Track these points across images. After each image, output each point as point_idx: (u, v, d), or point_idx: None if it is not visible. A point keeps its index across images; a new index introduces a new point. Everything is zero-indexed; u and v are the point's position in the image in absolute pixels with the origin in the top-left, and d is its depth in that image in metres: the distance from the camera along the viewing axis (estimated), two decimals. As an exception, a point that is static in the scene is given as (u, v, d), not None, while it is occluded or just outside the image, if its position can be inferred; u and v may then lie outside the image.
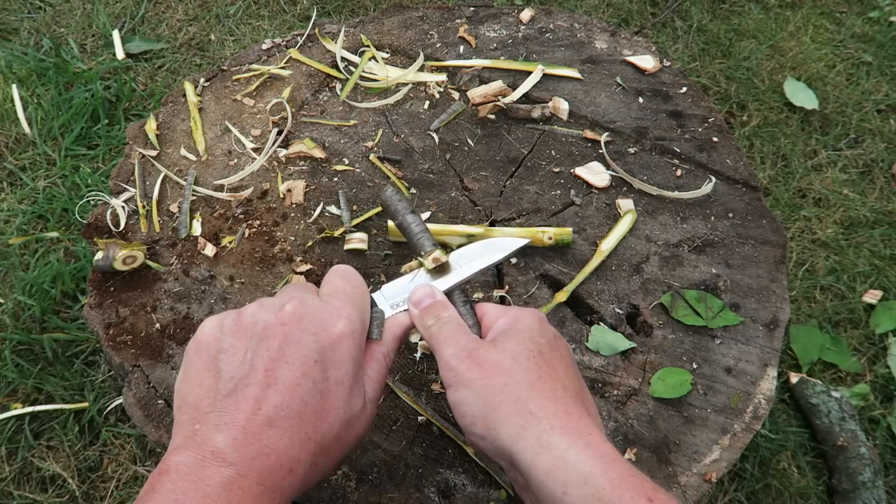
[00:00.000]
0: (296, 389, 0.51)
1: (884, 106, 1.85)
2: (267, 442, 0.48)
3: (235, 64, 1.06)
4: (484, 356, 0.56)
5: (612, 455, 0.50)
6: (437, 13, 1.12)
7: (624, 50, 1.08)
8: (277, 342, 0.52)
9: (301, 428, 0.50)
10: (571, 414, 0.52)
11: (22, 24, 1.90)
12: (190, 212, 0.89)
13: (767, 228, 0.89)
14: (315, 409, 0.51)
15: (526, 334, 0.58)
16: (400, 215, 0.68)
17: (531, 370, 0.55)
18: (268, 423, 0.49)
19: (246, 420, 0.49)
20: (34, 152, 1.62)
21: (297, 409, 0.50)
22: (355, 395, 0.55)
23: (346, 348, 0.54)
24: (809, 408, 1.32)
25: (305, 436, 0.50)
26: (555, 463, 0.49)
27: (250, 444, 0.48)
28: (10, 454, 1.22)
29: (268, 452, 0.48)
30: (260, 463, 0.48)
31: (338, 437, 0.53)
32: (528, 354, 0.56)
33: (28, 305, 1.35)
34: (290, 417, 0.50)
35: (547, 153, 0.95)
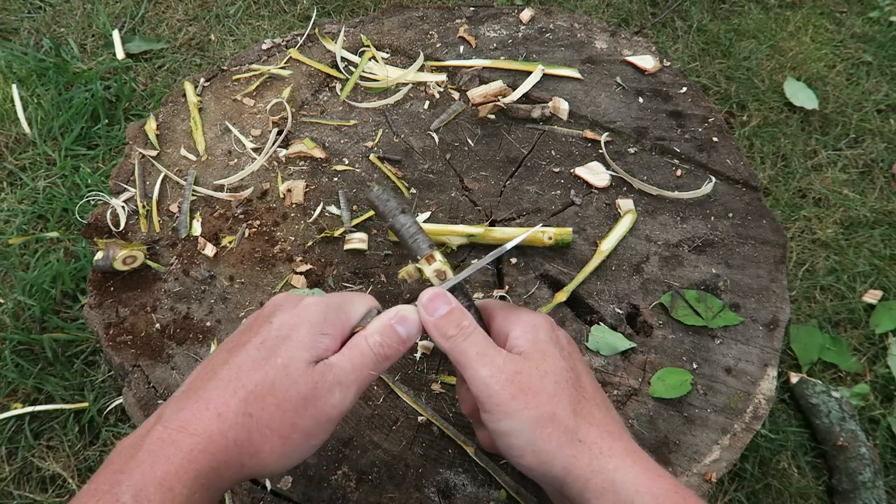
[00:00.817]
0: (242, 347, 0.54)
1: (884, 106, 1.85)
2: (201, 393, 0.51)
3: (235, 64, 1.06)
4: (527, 382, 0.54)
5: (655, 471, 0.52)
6: (437, 13, 1.12)
7: (624, 50, 1.08)
8: (251, 323, 0.58)
9: (238, 377, 0.52)
10: (614, 434, 0.54)
11: (22, 24, 1.90)
12: (190, 212, 0.89)
13: (767, 228, 0.89)
14: (253, 359, 0.53)
15: (555, 349, 0.57)
16: (390, 216, 0.63)
17: (572, 395, 0.55)
18: (210, 377, 0.52)
19: (191, 384, 0.53)
20: (34, 152, 1.62)
21: (238, 362, 0.52)
22: (306, 355, 0.53)
23: (305, 313, 0.55)
24: (809, 408, 1.32)
25: (238, 383, 0.51)
26: (605, 486, 0.51)
27: (185, 398, 0.51)
28: (10, 454, 1.22)
29: (196, 399, 0.50)
30: (186, 411, 0.50)
31: (273, 387, 0.51)
32: (566, 377, 0.56)
33: (28, 305, 1.35)
34: (230, 369, 0.52)
35: (547, 153, 0.95)
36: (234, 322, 0.80)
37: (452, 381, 0.76)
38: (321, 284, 0.82)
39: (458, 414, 0.74)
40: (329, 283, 0.83)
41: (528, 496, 0.69)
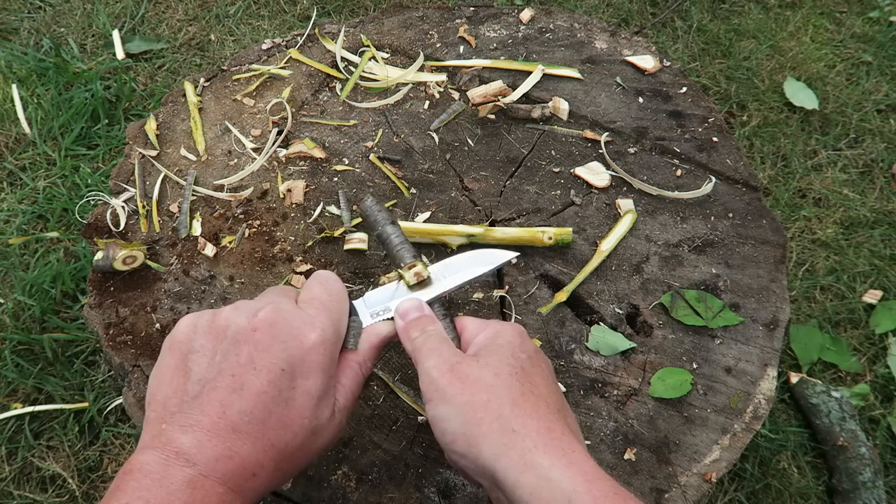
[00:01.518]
0: (261, 397, 0.51)
1: (884, 106, 1.85)
2: (230, 445, 0.49)
3: (235, 64, 1.06)
4: (466, 371, 0.55)
5: (594, 473, 0.50)
6: (437, 13, 1.12)
7: (624, 50, 1.08)
8: (247, 349, 0.53)
9: (264, 435, 0.51)
10: (554, 431, 0.52)
11: (22, 24, 1.90)
12: (190, 212, 0.89)
13: (767, 228, 0.89)
14: (279, 418, 0.52)
15: (507, 349, 0.57)
16: (379, 226, 0.67)
17: (513, 387, 0.54)
18: (232, 428, 0.50)
19: (211, 423, 0.50)
20: (34, 152, 1.62)
21: (261, 416, 0.51)
22: (323, 406, 0.55)
23: (316, 359, 0.55)
24: (809, 408, 1.32)
25: (269, 443, 0.51)
26: (538, 482, 0.49)
27: (214, 446, 0.49)
28: (10, 454, 1.22)
29: (231, 455, 0.49)
30: (223, 465, 0.49)
31: (302, 445, 0.53)
32: (510, 371, 0.55)
33: (28, 305, 1.35)
34: (254, 423, 0.51)
35: (547, 153, 0.95)
36: (234, 322, 0.80)
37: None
38: (321, 284, 0.82)
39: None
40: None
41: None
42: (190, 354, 0.54)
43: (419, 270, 0.64)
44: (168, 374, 0.54)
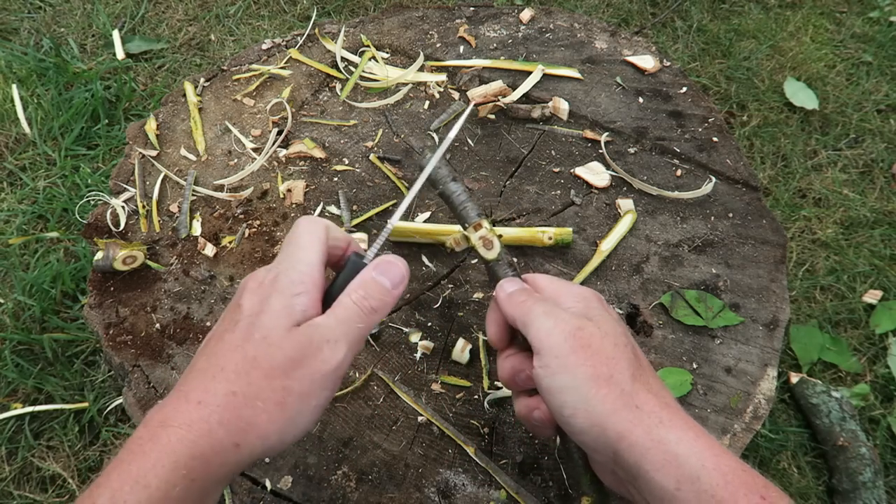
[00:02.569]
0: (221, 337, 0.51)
1: (884, 106, 1.85)
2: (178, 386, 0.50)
3: (235, 64, 1.06)
4: (588, 339, 0.52)
5: (719, 448, 0.49)
6: (437, 13, 1.12)
7: (624, 50, 1.08)
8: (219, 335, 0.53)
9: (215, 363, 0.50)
10: (671, 407, 0.51)
11: (22, 24, 1.90)
12: (190, 212, 0.89)
13: (767, 228, 0.89)
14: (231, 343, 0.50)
15: (611, 317, 0.56)
16: (441, 183, 0.64)
17: (631, 360, 0.53)
18: (190, 369, 0.52)
19: (177, 383, 0.52)
20: (34, 152, 1.62)
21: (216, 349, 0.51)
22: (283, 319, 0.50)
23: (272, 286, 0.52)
24: (810, 408, 1.32)
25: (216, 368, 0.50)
26: (665, 458, 0.48)
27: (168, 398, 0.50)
28: (10, 454, 1.22)
29: (176, 394, 0.49)
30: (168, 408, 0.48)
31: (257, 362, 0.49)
32: (624, 341, 0.54)
33: (28, 305, 1.35)
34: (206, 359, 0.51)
35: (547, 153, 0.95)
36: (234, 322, 0.80)
37: (452, 381, 0.76)
38: (321, 284, 0.82)
39: (459, 414, 0.74)
40: (329, 283, 0.82)
41: (528, 496, 0.69)
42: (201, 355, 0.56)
43: (485, 234, 0.62)
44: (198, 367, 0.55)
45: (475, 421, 0.73)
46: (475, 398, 0.75)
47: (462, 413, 0.74)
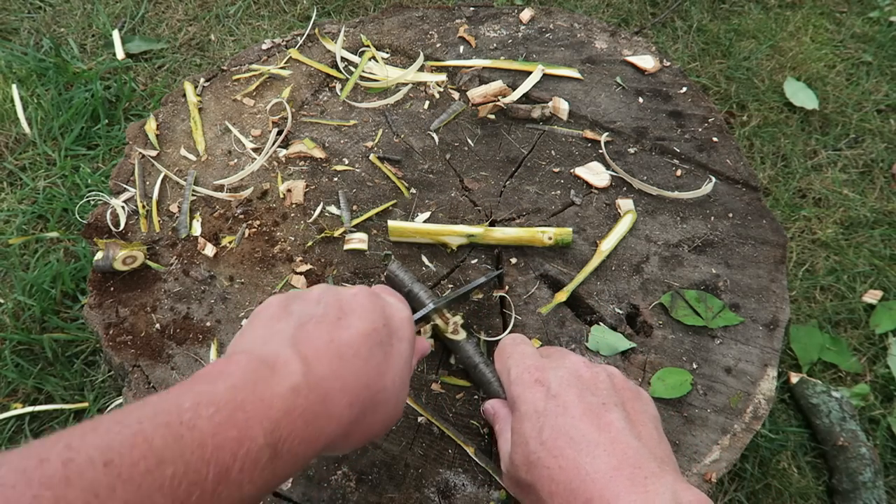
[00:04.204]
0: (365, 338, 0.50)
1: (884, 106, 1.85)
2: (336, 369, 0.47)
3: (235, 64, 1.06)
4: (537, 461, 0.52)
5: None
6: (437, 13, 1.12)
7: (624, 50, 1.08)
8: (350, 304, 0.53)
9: (366, 372, 0.49)
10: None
11: (22, 24, 1.90)
12: (190, 212, 0.89)
13: (767, 228, 0.89)
14: (378, 364, 0.51)
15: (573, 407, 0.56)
16: (406, 286, 0.76)
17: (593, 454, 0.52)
18: (338, 354, 0.48)
19: (318, 346, 0.48)
20: (34, 152, 1.62)
21: (365, 355, 0.50)
22: (407, 373, 0.54)
23: (407, 330, 0.55)
24: (810, 408, 1.32)
25: (367, 380, 0.49)
26: None
27: (320, 364, 0.47)
28: (10, 454, 1.22)
29: (335, 377, 0.47)
30: (327, 384, 0.46)
31: (385, 402, 0.52)
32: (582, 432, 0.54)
33: (28, 305, 1.35)
34: (358, 358, 0.49)
35: (547, 153, 0.95)
36: (234, 322, 0.80)
37: (452, 382, 0.76)
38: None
39: (459, 414, 0.74)
40: (329, 283, 0.83)
41: (528, 496, 0.69)
42: (291, 304, 0.53)
43: (457, 321, 0.74)
44: (266, 315, 0.52)
45: (475, 421, 0.73)
46: (475, 398, 0.75)
47: (462, 413, 0.74)
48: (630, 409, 0.55)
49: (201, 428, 0.38)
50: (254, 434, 0.40)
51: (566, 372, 0.57)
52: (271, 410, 0.41)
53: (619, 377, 0.59)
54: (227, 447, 0.38)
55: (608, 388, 0.56)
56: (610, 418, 0.52)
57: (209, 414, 0.39)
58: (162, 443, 0.36)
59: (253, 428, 0.40)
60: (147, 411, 0.38)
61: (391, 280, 0.79)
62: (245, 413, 0.40)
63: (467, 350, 0.74)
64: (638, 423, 0.54)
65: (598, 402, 0.54)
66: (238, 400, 0.41)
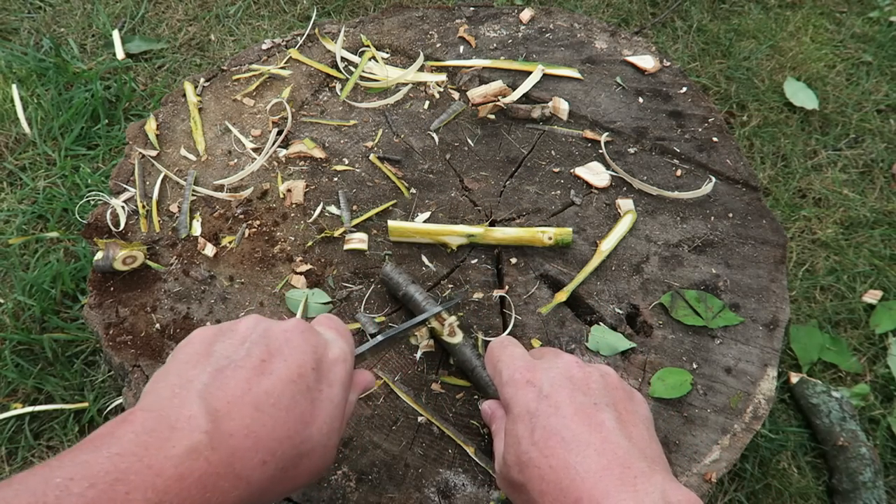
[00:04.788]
0: (289, 385, 0.48)
1: (884, 106, 1.85)
2: (249, 423, 0.45)
3: (235, 64, 1.06)
4: (529, 461, 0.52)
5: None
6: (437, 13, 1.12)
7: (624, 50, 1.08)
8: (278, 342, 0.51)
9: (285, 423, 0.47)
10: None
11: (22, 24, 1.90)
12: (190, 212, 0.89)
13: (767, 228, 0.89)
14: (302, 413, 0.49)
15: (566, 406, 0.56)
16: (402, 288, 0.77)
17: (585, 451, 0.52)
18: (255, 406, 0.46)
19: (232, 397, 0.45)
20: (34, 152, 1.62)
21: (286, 404, 0.48)
22: (338, 421, 0.52)
23: (340, 371, 0.53)
24: (810, 408, 1.32)
25: (287, 433, 0.47)
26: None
27: (231, 419, 0.44)
28: (10, 454, 1.22)
29: (247, 434, 0.45)
30: (235, 442, 0.44)
31: (310, 453, 0.49)
32: (574, 433, 0.54)
33: (28, 305, 1.35)
34: (278, 409, 0.47)
35: (547, 153, 0.95)
36: (234, 322, 0.80)
37: (452, 382, 0.76)
38: (321, 285, 0.82)
39: (459, 414, 0.74)
40: (329, 283, 0.83)
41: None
42: (214, 344, 0.50)
43: (452, 322, 0.74)
44: (185, 357, 0.49)
45: (475, 421, 0.73)
46: (475, 398, 0.75)
47: (462, 413, 0.74)
48: (622, 409, 0.55)
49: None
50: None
51: (558, 372, 0.57)
52: (158, 479, 0.38)
53: (612, 377, 0.59)
54: None
55: (600, 387, 0.56)
56: (601, 418, 0.52)
57: (81, 490, 0.35)
58: None
59: (134, 502, 0.37)
60: (7, 493, 0.34)
61: (386, 282, 0.79)
62: (126, 485, 0.37)
63: (464, 352, 0.74)
64: (629, 424, 0.54)
65: (589, 402, 0.54)
66: (120, 469, 0.38)
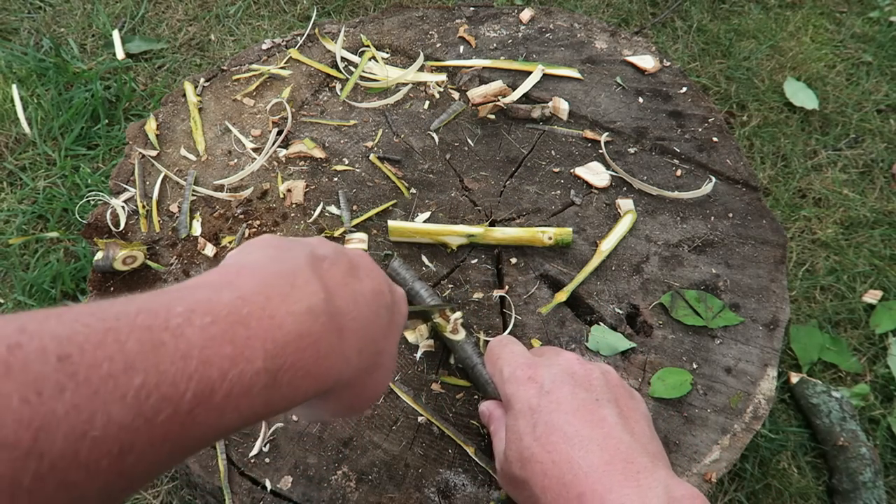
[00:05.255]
0: (375, 296, 0.46)
1: (884, 106, 1.85)
2: (351, 308, 0.42)
3: (235, 64, 1.06)
4: (531, 456, 0.53)
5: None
6: (437, 13, 1.12)
7: (624, 50, 1.08)
8: (357, 258, 0.48)
9: (372, 326, 0.45)
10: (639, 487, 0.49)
11: (22, 24, 1.90)
12: (190, 212, 0.89)
13: (767, 228, 0.89)
14: (383, 325, 0.47)
15: (566, 403, 0.57)
16: (407, 284, 0.78)
17: (586, 449, 0.53)
18: (353, 298, 0.43)
19: (335, 283, 0.42)
20: (34, 152, 1.62)
21: (374, 310, 0.45)
22: (395, 350, 0.51)
23: (402, 305, 0.53)
24: (810, 408, 1.32)
25: (373, 336, 0.45)
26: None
27: (339, 299, 0.41)
28: (10, 454, 1.22)
29: (353, 317, 0.42)
30: (343, 320, 0.41)
31: (381, 368, 0.48)
32: (575, 430, 0.54)
33: (28, 305, 1.35)
34: (369, 310, 0.44)
35: (547, 153, 0.95)
36: (234, 322, 0.80)
37: (452, 382, 0.76)
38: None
39: (459, 414, 0.74)
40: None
41: (528, 496, 0.69)
42: (295, 241, 0.46)
43: (457, 317, 0.74)
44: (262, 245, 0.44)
45: (475, 421, 0.73)
46: (475, 398, 0.75)
47: (462, 413, 0.74)
48: (623, 405, 0.55)
49: (189, 337, 0.32)
50: (252, 355, 0.34)
51: (559, 369, 0.57)
52: (279, 331, 0.35)
53: (612, 375, 0.59)
54: (215, 364, 0.32)
55: (602, 384, 0.56)
56: (603, 414, 0.53)
57: (203, 323, 0.33)
58: (137, 347, 0.30)
59: (253, 347, 0.34)
60: (129, 308, 0.32)
61: (392, 277, 0.79)
62: (247, 329, 0.34)
63: (466, 350, 0.74)
64: (631, 420, 0.54)
65: (591, 399, 0.54)
66: (243, 313, 0.35)
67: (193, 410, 0.31)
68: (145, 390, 0.29)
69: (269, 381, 0.34)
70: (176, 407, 0.30)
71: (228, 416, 0.33)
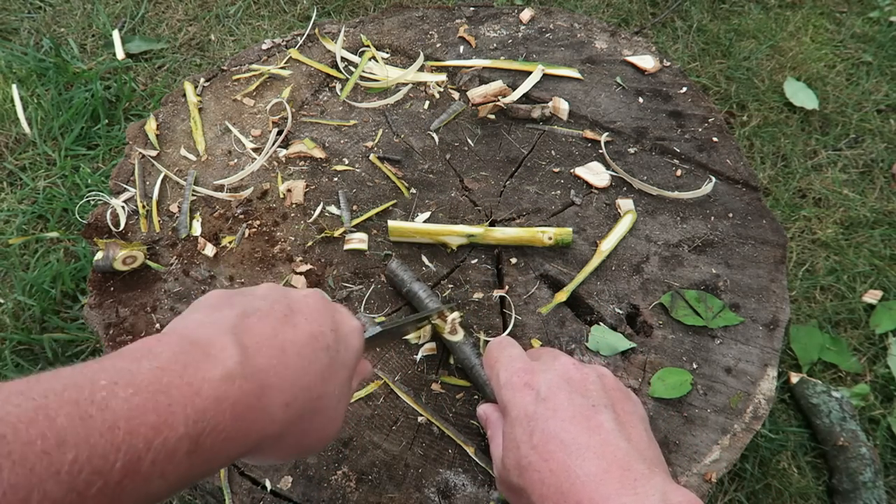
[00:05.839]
0: (311, 340, 0.48)
1: (884, 106, 1.85)
2: (276, 364, 0.44)
3: (235, 64, 1.06)
4: (528, 465, 0.52)
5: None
6: (437, 13, 1.12)
7: (624, 50, 1.08)
8: (298, 303, 0.50)
9: (307, 373, 0.46)
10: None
11: (22, 24, 1.90)
12: (190, 212, 0.89)
13: (767, 228, 0.89)
14: (321, 369, 0.48)
15: (562, 410, 0.56)
16: (406, 284, 0.78)
17: (583, 456, 0.52)
18: (281, 349, 0.45)
19: (260, 337, 0.44)
20: (34, 152, 1.62)
21: (309, 356, 0.47)
22: (346, 388, 0.52)
23: (354, 341, 0.53)
24: (810, 408, 1.32)
25: (308, 383, 0.46)
26: None
27: (260, 356, 0.43)
28: (10, 454, 1.22)
29: (274, 372, 0.43)
30: (264, 377, 0.42)
31: (325, 411, 0.49)
32: (572, 435, 0.53)
33: (28, 305, 1.35)
34: (301, 358, 0.46)
35: (547, 153, 0.95)
36: (234, 322, 0.80)
37: (452, 382, 0.76)
38: (321, 285, 0.82)
39: (459, 414, 0.74)
40: (329, 283, 0.83)
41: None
42: (234, 297, 0.49)
43: (455, 317, 0.74)
44: (207, 303, 0.48)
45: (475, 421, 0.73)
46: (475, 398, 0.75)
47: (462, 413, 0.74)
48: (620, 410, 0.55)
49: (114, 409, 0.33)
50: (175, 421, 0.35)
51: (555, 374, 0.57)
52: (198, 398, 0.37)
53: (609, 378, 0.59)
54: (141, 433, 0.34)
55: (598, 389, 0.56)
56: (600, 420, 0.53)
57: (127, 395, 0.34)
58: (66, 422, 0.31)
59: (175, 414, 0.36)
60: (56, 385, 0.33)
61: (391, 278, 0.79)
62: (168, 398, 0.36)
63: (465, 350, 0.74)
64: (628, 425, 0.54)
65: (587, 405, 0.54)
66: (163, 382, 0.36)
67: (122, 481, 0.33)
68: (77, 465, 0.31)
69: (192, 447, 0.36)
70: (106, 479, 0.32)
71: (155, 483, 0.34)
